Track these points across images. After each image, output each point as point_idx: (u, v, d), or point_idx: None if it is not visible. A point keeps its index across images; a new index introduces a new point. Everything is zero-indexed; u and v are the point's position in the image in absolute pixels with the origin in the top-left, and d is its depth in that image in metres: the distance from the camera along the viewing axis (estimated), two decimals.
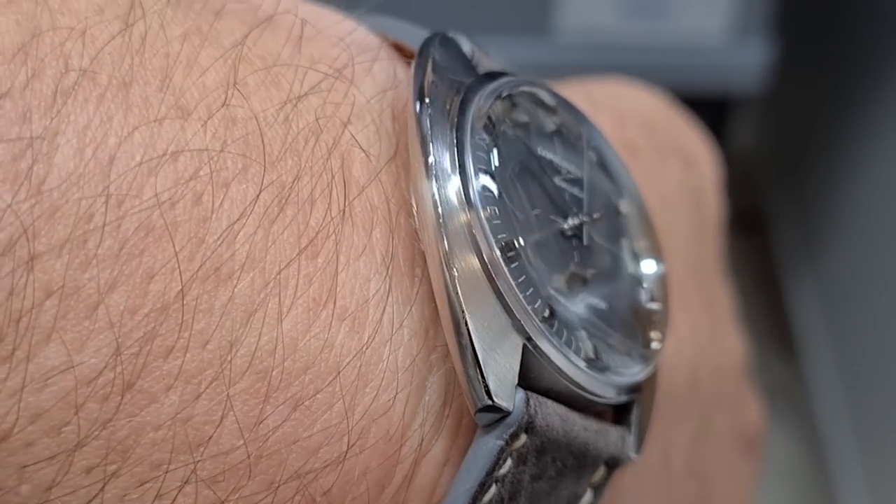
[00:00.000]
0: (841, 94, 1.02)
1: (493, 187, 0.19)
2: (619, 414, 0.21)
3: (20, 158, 0.15)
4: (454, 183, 0.18)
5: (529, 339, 0.18)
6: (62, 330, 0.15)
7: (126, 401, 0.16)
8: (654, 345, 0.21)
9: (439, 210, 0.18)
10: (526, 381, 0.18)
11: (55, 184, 0.15)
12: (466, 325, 0.17)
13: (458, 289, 0.17)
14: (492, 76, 0.20)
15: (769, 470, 1.02)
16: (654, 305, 0.21)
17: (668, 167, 0.26)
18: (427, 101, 0.18)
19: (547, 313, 0.18)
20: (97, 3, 0.16)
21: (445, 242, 0.18)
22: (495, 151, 0.19)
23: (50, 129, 0.15)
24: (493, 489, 0.18)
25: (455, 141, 0.18)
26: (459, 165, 0.18)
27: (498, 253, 0.18)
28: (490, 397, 0.17)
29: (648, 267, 0.21)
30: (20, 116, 0.15)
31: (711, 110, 0.90)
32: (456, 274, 0.17)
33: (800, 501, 1.01)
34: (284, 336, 0.16)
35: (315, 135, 0.18)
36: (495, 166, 0.19)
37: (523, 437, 0.18)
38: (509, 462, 0.18)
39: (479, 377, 0.17)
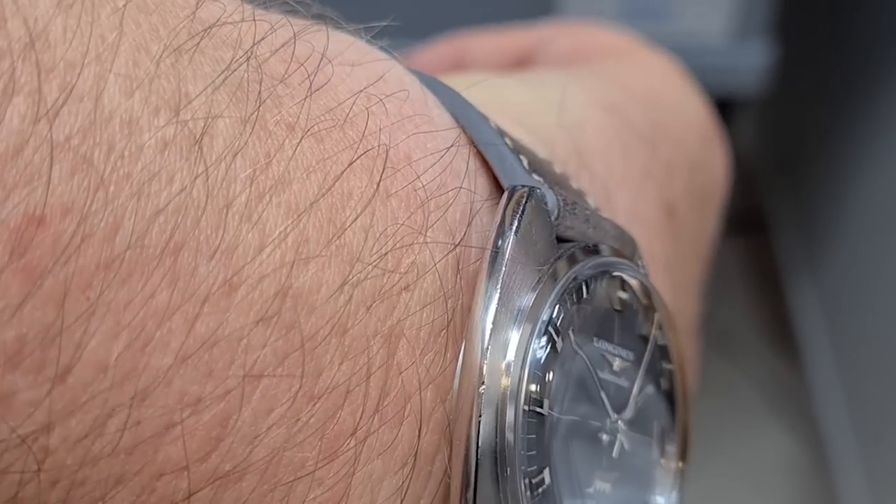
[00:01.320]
0: (841, 96, 1.03)
1: (551, 371, 0.18)
2: None
3: (50, 346, 0.13)
4: (512, 350, 0.17)
5: None
6: None
7: None
8: None
9: (479, 405, 0.17)
10: None
11: (81, 375, 0.14)
12: None
13: None
14: (577, 251, 0.19)
15: (770, 468, 1.02)
16: None
17: (695, 221, 0.25)
18: (505, 269, 0.17)
19: None
20: (163, 139, 0.14)
21: (476, 457, 0.17)
22: (563, 334, 0.18)
23: (86, 313, 0.14)
24: None
25: (529, 315, 0.17)
26: (527, 341, 0.17)
27: (527, 493, 0.17)
28: None
29: (670, 501, 0.21)
30: (57, 298, 0.13)
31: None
32: None
33: (801, 499, 1.01)
34: None
35: (368, 312, 0.16)
36: (559, 353, 0.18)
37: None
38: None
39: None
